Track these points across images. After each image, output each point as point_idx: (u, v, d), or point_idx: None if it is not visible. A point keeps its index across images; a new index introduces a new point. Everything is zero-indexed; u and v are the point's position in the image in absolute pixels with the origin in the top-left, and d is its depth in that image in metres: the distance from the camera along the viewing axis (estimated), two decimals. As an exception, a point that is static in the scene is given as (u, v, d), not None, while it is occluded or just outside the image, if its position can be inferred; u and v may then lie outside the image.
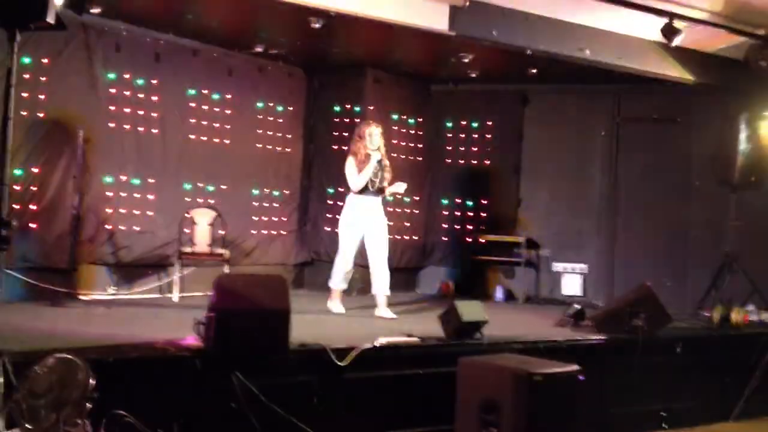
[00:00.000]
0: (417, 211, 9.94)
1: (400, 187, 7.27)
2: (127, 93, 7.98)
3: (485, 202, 9.92)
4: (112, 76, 7.85)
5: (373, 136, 7.11)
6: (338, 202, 9.42)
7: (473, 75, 9.31)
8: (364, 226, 7.18)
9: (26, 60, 7.08)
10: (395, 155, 9.00)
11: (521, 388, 4.73)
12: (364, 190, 7.13)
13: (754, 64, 7.55)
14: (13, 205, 6.89)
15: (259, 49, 8.64)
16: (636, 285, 6.97)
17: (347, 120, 9.46)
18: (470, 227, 9.91)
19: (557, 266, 9.48)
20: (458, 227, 9.93)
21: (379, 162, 7.11)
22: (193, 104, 8.53)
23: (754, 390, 7.01)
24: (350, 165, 7.15)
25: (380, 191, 7.20)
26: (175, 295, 7.76)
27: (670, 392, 6.52)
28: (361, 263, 7.46)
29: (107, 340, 4.97)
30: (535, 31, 7.44)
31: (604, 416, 6.04)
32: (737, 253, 7.97)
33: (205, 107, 8.63)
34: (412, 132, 9.90)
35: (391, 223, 8.05)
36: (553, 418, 4.81)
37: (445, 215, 10.03)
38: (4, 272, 6.89)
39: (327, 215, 9.51)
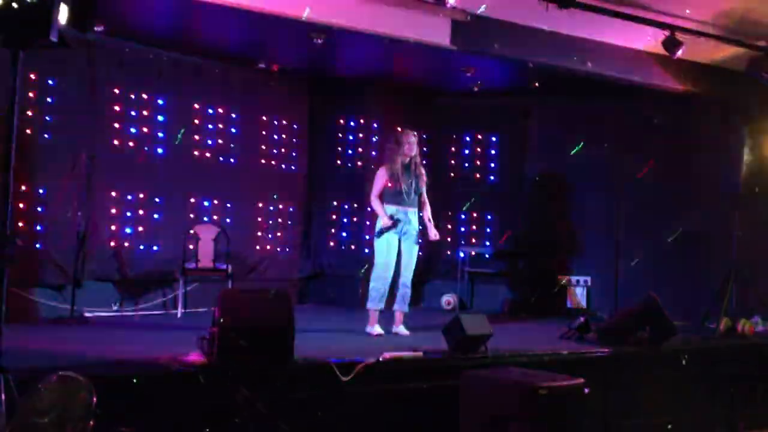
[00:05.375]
0: (421, 227, 9.88)
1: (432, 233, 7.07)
2: (131, 110, 8.01)
3: (489, 216, 9.91)
4: (116, 92, 7.88)
5: (409, 144, 6.78)
6: (342, 217, 9.45)
7: (476, 88, 9.34)
8: (400, 237, 6.85)
9: (30, 78, 7.11)
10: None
11: (526, 402, 4.71)
12: (399, 200, 6.81)
13: (756, 75, 7.56)
14: (18, 223, 6.94)
15: (261, 65, 8.68)
16: (641, 297, 6.95)
17: (350, 134, 9.49)
18: (474, 240, 9.90)
19: (562, 278, 9.45)
20: (463, 241, 9.92)
21: (414, 170, 6.84)
22: (196, 120, 8.56)
23: (761, 401, 6.97)
24: (380, 176, 6.84)
25: (416, 200, 6.90)
26: (179, 311, 7.77)
27: (677, 404, 6.48)
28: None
29: (111, 357, 4.99)
30: (536, 45, 7.46)
31: (609, 429, 6.01)
32: (742, 263, 7.94)
33: (208, 123, 8.67)
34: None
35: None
36: (558, 432, 4.79)
37: (450, 228, 10.02)
38: (9, 290, 6.94)
39: (331, 229, 9.51)
